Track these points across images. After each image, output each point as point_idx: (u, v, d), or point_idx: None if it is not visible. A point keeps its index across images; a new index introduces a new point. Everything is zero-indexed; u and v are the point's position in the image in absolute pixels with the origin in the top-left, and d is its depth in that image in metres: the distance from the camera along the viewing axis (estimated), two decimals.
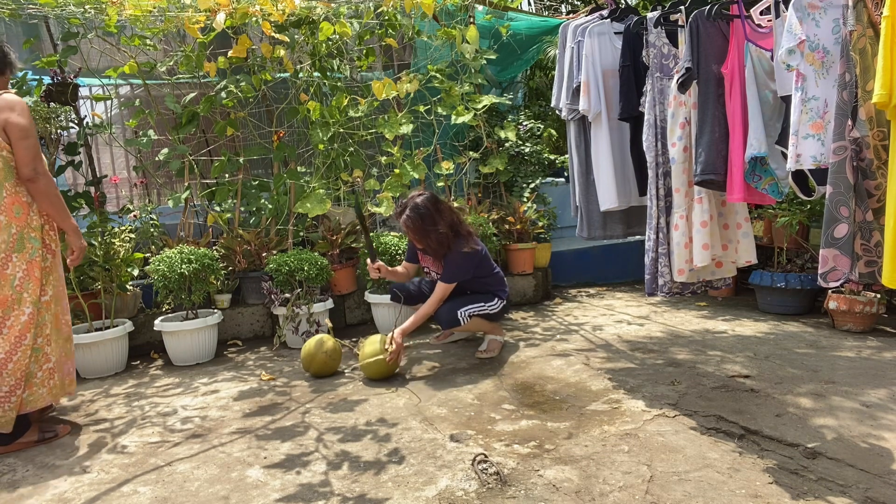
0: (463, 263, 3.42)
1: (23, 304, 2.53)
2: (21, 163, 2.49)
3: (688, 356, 3.42)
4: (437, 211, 3.38)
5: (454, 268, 3.42)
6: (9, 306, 2.50)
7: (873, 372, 3.04)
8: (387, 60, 5.60)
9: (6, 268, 2.49)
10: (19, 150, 2.48)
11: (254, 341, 4.29)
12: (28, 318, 2.53)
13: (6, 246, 2.49)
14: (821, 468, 2.12)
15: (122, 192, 5.63)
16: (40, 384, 2.62)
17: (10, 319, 2.50)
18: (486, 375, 3.26)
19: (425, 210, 3.34)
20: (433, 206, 3.38)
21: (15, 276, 2.51)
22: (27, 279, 2.54)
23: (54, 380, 2.67)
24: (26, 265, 2.54)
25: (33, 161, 2.50)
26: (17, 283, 2.51)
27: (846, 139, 2.12)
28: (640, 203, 3.36)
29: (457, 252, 3.40)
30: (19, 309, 2.52)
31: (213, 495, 2.13)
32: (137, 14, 3.92)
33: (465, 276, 3.48)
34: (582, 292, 5.36)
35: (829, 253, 2.20)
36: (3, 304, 2.49)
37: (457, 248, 3.40)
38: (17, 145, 2.48)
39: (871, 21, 2.05)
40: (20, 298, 2.52)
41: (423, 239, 3.39)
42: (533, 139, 5.62)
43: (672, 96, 2.81)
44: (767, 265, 4.52)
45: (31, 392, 2.59)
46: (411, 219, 3.34)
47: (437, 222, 3.35)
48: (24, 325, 2.52)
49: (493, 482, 2.12)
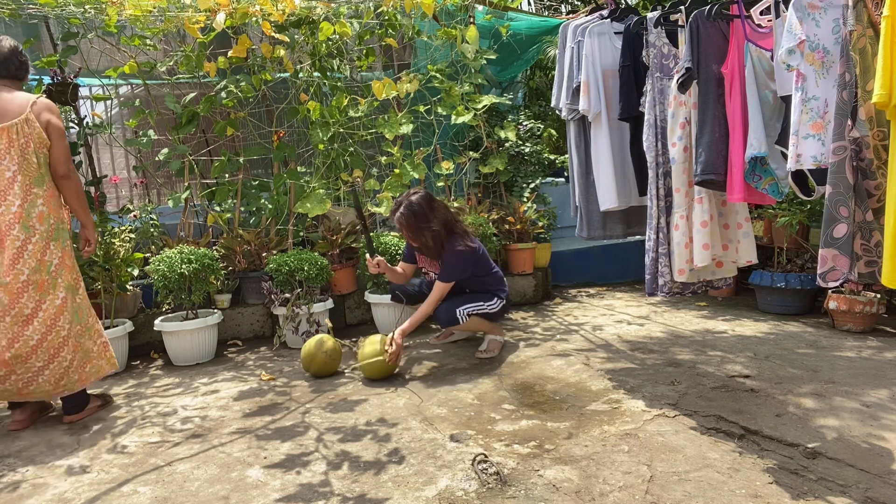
0: (459, 261, 3.43)
1: (57, 289, 2.75)
2: (58, 161, 2.76)
3: (688, 356, 3.42)
4: (431, 209, 3.40)
5: (450, 266, 3.42)
6: (45, 290, 2.71)
7: (873, 372, 3.04)
8: (387, 60, 5.60)
9: (45, 254, 2.72)
10: (57, 149, 2.75)
11: (254, 341, 4.29)
12: (61, 303, 2.75)
13: (46, 234, 2.72)
14: (821, 468, 2.12)
15: (122, 192, 5.63)
16: (98, 356, 2.93)
17: (45, 303, 2.71)
18: (486, 375, 3.26)
19: (419, 208, 3.36)
20: (427, 203, 3.40)
21: (52, 262, 2.74)
22: (62, 266, 2.78)
23: (109, 352, 2.99)
24: (61, 253, 2.78)
25: (68, 160, 2.79)
26: (52, 269, 2.74)
27: (846, 139, 2.12)
28: (640, 203, 3.36)
29: (452, 250, 3.41)
30: (54, 293, 2.74)
31: (213, 495, 2.13)
32: (137, 14, 3.92)
33: (463, 275, 3.49)
34: (582, 292, 5.36)
35: (828, 253, 2.19)
36: (40, 288, 2.70)
37: (452, 246, 3.41)
38: (56, 144, 2.75)
39: (871, 21, 2.05)
40: (55, 284, 2.74)
41: (416, 236, 3.40)
42: (533, 139, 5.62)
43: (672, 96, 2.81)
44: (767, 265, 4.52)
45: (91, 365, 2.89)
46: (405, 216, 3.36)
47: (430, 220, 3.36)
48: (58, 309, 2.74)
49: (493, 482, 2.12)
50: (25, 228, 2.66)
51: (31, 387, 2.74)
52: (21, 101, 2.70)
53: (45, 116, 2.71)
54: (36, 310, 2.69)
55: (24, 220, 2.65)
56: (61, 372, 2.78)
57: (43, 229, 2.70)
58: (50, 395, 2.82)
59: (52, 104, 2.78)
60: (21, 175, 2.65)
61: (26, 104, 2.69)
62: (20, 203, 2.65)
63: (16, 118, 2.66)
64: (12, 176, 2.64)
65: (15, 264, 2.64)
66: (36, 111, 2.70)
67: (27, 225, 2.66)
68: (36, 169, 2.70)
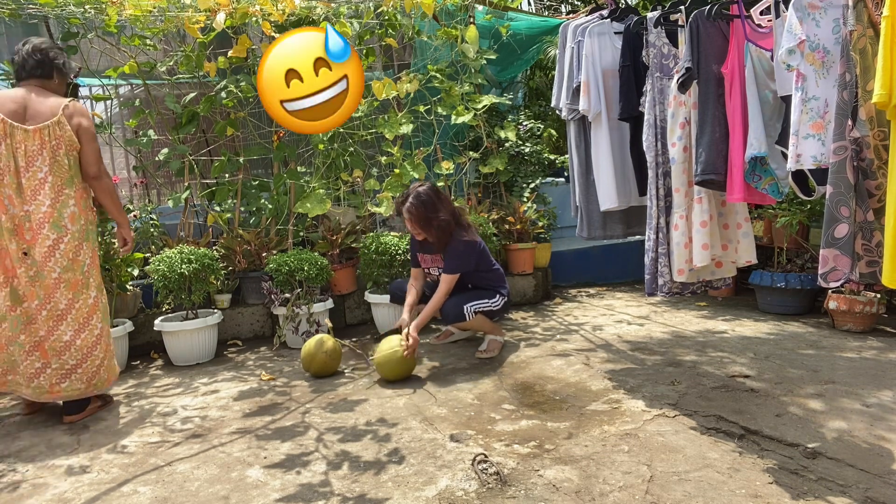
0: (465, 252, 3.45)
1: (90, 289, 2.85)
2: (88, 162, 2.82)
3: (688, 356, 3.42)
4: (439, 199, 3.45)
5: (456, 257, 3.44)
6: (79, 290, 2.81)
7: (873, 372, 3.04)
8: (387, 60, 5.60)
9: (78, 254, 2.80)
10: (88, 151, 2.81)
11: (254, 341, 4.29)
12: (94, 302, 2.86)
13: (79, 234, 2.81)
14: (821, 468, 2.12)
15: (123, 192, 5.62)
16: (112, 356, 2.99)
17: (79, 302, 2.81)
18: (486, 375, 3.26)
19: (427, 198, 3.40)
20: (434, 194, 3.45)
21: (84, 262, 2.83)
22: (93, 266, 2.88)
23: (113, 360, 3.00)
24: (92, 253, 2.88)
25: (98, 162, 2.85)
26: (85, 269, 2.83)
27: (846, 139, 2.12)
28: (640, 203, 3.36)
29: (458, 241, 3.44)
30: (86, 293, 2.83)
31: (213, 495, 2.13)
32: (137, 14, 3.92)
33: (468, 267, 3.51)
34: (582, 292, 5.36)
35: (829, 253, 2.19)
36: (74, 287, 2.79)
37: (458, 237, 3.44)
38: (86, 147, 2.81)
39: (871, 21, 2.05)
40: (87, 283, 2.84)
41: (425, 226, 3.41)
42: (533, 139, 5.62)
43: (672, 96, 2.81)
44: (767, 265, 4.52)
45: (105, 370, 2.92)
46: (414, 205, 3.38)
47: (438, 209, 3.40)
48: (91, 308, 2.84)
49: (493, 482, 2.12)
50: (56, 228, 2.73)
51: (64, 384, 2.80)
52: (52, 104, 2.75)
53: (76, 119, 2.78)
54: (69, 307, 2.78)
55: (55, 219, 2.73)
56: (93, 370, 2.86)
57: (75, 229, 2.78)
58: (83, 393, 2.86)
59: (84, 108, 2.84)
60: (52, 176, 2.72)
61: (58, 107, 2.75)
62: (50, 203, 2.71)
63: (48, 120, 2.71)
64: (44, 177, 2.71)
65: (47, 262, 2.73)
66: (67, 114, 2.76)
67: (59, 225, 2.73)
68: (67, 170, 2.76)
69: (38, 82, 2.81)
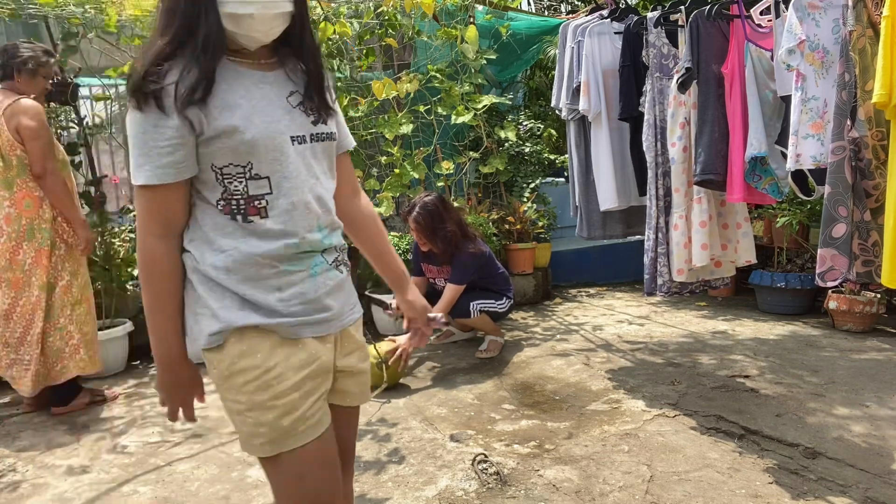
0: (471, 263, 3.46)
1: (31, 288, 2.84)
2: (32, 161, 2.77)
3: (688, 356, 3.42)
4: (446, 209, 3.46)
5: (462, 268, 3.44)
6: (21, 288, 2.83)
7: (873, 372, 3.04)
8: (387, 60, 5.59)
9: (17, 254, 2.81)
10: (30, 150, 2.76)
11: None
12: (36, 300, 2.84)
13: (17, 235, 2.80)
14: (821, 468, 2.12)
15: (123, 192, 5.62)
16: (69, 358, 2.94)
17: (21, 300, 2.83)
18: (486, 375, 3.26)
19: (434, 208, 3.41)
20: (441, 204, 3.46)
21: (25, 261, 2.82)
22: (35, 266, 2.83)
23: (80, 354, 2.97)
24: (35, 253, 2.83)
25: (42, 160, 2.78)
26: (26, 268, 2.82)
27: (845, 139, 2.12)
28: (639, 203, 3.36)
29: (465, 252, 3.44)
30: (28, 291, 2.84)
31: (213, 495, 2.13)
32: (137, 14, 3.92)
33: (473, 277, 3.53)
34: (582, 292, 5.36)
35: (826, 252, 2.20)
36: (16, 286, 2.83)
37: (464, 248, 3.44)
38: (28, 145, 2.75)
39: (870, 21, 2.05)
40: (29, 282, 2.84)
41: (431, 237, 3.41)
42: (533, 139, 5.62)
43: (672, 96, 2.81)
44: (767, 265, 4.52)
45: (62, 365, 2.91)
46: (421, 215, 3.39)
47: (445, 220, 3.41)
48: (33, 306, 2.84)
49: (493, 482, 2.12)
50: None
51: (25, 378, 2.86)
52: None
53: (15, 119, 2.71)
54: (13, 306, 2.83)
55: None
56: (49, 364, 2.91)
57: (10, 230, 2.79)
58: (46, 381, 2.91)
59: (28, 105, 2.75)
60: None
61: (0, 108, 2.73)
62: None
63: None
64: None
65: None
66: (7, 115, 2.71)
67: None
68: (3, 172, 2.76)
69: (6, 84, 2.80)
